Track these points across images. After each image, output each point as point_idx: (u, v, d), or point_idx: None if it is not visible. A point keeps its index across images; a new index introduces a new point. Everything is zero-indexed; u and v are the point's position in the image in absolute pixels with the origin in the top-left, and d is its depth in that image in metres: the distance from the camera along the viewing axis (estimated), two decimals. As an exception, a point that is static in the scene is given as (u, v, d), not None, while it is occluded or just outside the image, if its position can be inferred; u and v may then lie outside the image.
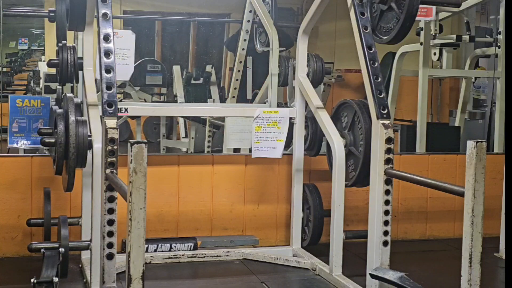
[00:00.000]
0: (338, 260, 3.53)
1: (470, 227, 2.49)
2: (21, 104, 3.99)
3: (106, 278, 2.76)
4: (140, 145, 2.13)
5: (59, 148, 3.04)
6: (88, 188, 3.30)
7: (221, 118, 5.31)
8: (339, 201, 3.50)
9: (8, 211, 3.86)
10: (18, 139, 4.00)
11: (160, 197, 4.05)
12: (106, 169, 2.70)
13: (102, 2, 2.95)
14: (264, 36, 4.78)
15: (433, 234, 4.60)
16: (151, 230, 3.96)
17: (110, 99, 2.82)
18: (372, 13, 3.40)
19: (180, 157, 4.30)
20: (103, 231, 2.74)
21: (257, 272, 3.74)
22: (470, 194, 2.48)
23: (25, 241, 3.79)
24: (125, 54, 4.29)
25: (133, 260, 2.12)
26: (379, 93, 3.24)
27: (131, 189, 2.12)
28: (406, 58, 5.89)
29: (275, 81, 4.32)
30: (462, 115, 6.05)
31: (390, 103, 5.47)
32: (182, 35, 6.26)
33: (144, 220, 2.12)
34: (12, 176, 3.87)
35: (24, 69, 7.58)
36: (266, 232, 4.27)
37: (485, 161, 2.49)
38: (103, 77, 2.84)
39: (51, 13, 3.70)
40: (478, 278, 2.51)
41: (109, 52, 2.88)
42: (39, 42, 7.35)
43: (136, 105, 4.32)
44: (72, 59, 3.51)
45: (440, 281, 3.65)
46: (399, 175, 3.16)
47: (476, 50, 6.11)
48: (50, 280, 2.96)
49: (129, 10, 6.26)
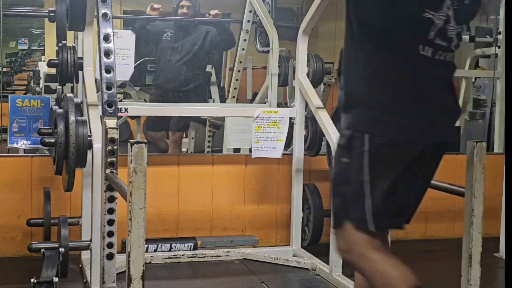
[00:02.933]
0: (338, 260, 3.53)
1: (470, 227, 2.49)
2: (21, 104, 3.99)
3: (106, 278, 2.76)
4: (140, 145, 2.13)
5: (59, 148, 3.04)
6: (88, 188, 3.30)
7: (221, 118, 5.31)
8: (339, 201, 3.49)
9: (8, 211, 3.86)
10: (18, 139, 4.00)
11: (160, 197, 4.05)
12: (106, 169, 2.70)
13: (102, 2, 2.95)
14: (264, 36, 4.78)
15: (433, 234, 4.60)
16: (151, 230, 3.96)
17: (110, 99, 2.82)
18: (372, 13, 3.39)
19: (180, 157, 4.30)
20: (103, 231, 2.74)
21: (257, 272, 3.74)
22: (470, 194, 2.49)
23: (25, 241, 3.79)
24: (125, 54, 4.29)
25: (133, 260, 2.12)
26: (379, 93, 3.23)
27: (131, 189, 2.12)
28: (406, 58, 5.87)
29: (275, 81, 4.32)
30: (462, 115, 6.04)
31: (390, 103, 5.46)
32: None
33: (144, 220, 2.12)
34: (12, 176, 3.87)
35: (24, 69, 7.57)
36: (266, 232, 4.27)
37: (485, 161, 2.49)
38: (103, 77, 2.84)
39: (51, 13, 3.69)
40: (478, 278, 2.51)
41: (109, 52, 2.88)
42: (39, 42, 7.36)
43: (136, 105, 4.32)
44: (72, 59, 3.51)
45: (440, 281, 3.65)
46: (399, 175, 3.15)
47: (476, 50, 6.10)
48: (50, 280, 2.96)
49: (129, 10, 6.26)
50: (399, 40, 2.08)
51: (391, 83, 2.09)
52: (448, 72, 2.17)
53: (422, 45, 2.07)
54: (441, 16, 2.07)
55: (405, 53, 2.08)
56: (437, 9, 2.07)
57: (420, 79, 2.09)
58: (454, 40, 2.13)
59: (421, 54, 2.07)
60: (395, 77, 2.09)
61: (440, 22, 2.07)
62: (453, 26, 2.11)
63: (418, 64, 2.08)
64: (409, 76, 2.08)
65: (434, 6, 2.07)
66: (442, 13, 2.08)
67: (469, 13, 2.18)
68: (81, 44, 3.72)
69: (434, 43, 2.08)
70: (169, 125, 5.42)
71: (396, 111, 2.07)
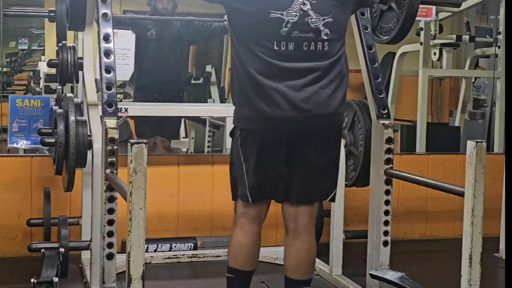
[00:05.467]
0: (338, 260, 3.53)
1: (470, 227, 2.49)
2: (21, 104, 3.99)
3: (106, 278, 2.76)
4: (140, 145, 2.13)
5: (59, 148, 3.04)
6: (88, 188, 3.30)
7: (221, 118, 5.30)
8: (339, 201, 3.49)
9: (8, 211, 3.86)
10: (18, 139, 4.00)
11: (160, 197, 4.04)
12: (106, 169, 2.70)
13: (102, 2, 2.95)
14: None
15: (433, 234, 4.60)
16: (151, 230, 3.96)
17: (110, 99, 2.82)
18: (372, 13, 3.39)
19: (180, 157, 4.30)
20: (103, 231, 2.74)
21: (257, 272, 3.72)
22: (470, 194, 2.48)
23: (25, 241, 3.79)
24: (125, 54, 4.29)
25: (133, 260, 2.12)
26: (379, 93, 3.24)
27: (131, 189, 2.12)
28: (406, 58, 5.88)
29: (275, 81, 4.31)
30: (462, 115, 6.05)
31: (390, 103, 5.47)
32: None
33: (144, 220, 2.12)
34: (12, 176, 3.87)
35: (24, 69, 7.57)
36: (266, 232, 4.25)
37: (485, 161, 2.49)
38: (103, 77, 2.84)
39: (51, 13, 3.69)
40: (478, 278, 2.51)
41: (109, 52, 2.88)
42: (39, 42, 7.35)
43: (136, 105, 4.31)
44: (72, 59, 3.51)
45: (440, 281, 3.65)
46: (399, 175, 3.16)
47: (476, 50, 6.11)
48: (50, 280, 2.96)
49: (129, 10, 6.25)
50: (251, 41, 2.47)
51: (241, 82, 2.52)
52: (317, 59, 2.47)
53: (276, 41, 2.43)
54: (292, 12, 2.43)
55: (257, 51, 2.45)
56: (286, 7, 2.43)
57: (267, 75, 2.46)
58: (323, 29, 2.46)
59: (275, 49, 2.43)
60: (244, 77, 2.50)
61: (293, 18, 2.43)
62: (315, 17, 2.45)
63: (270, 60, 2.45)
64: (255, 74, 2.46)
65: (282, 6, 2.44)
66: (295, 9, 2.43)
67: (329, 2, 2.49)
68: (81, 44, 3.72)
69: (291, 37, 2.43)
70: (159, 130, 5.34)
71: (244, 106, 2.54)
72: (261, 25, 2.45)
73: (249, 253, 2.70)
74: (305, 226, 2.71)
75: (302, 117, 2.50)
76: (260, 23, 2.46)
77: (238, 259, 2.69)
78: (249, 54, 2.49)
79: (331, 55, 2.51)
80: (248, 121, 2.56)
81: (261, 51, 2.47)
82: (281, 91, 2.47)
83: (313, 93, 2.49)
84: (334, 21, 2.49)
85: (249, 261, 2.71)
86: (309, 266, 2.74)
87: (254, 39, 2.47)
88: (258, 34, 2.47)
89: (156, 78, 5.11)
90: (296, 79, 2.48)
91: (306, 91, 2.49)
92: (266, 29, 2.45)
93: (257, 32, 2.47)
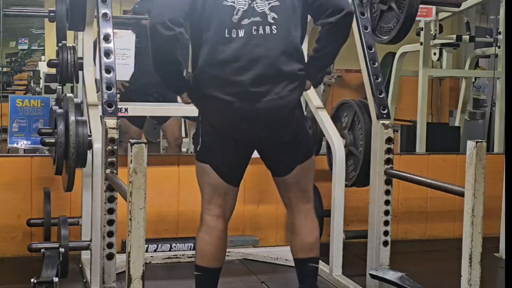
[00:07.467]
0: (338, 260, 3.53)
1: (470, 227, 2.49)
2: (21, 104, 4.00)
3: (106, 278, 2.76)
4: (140, 145, 2.13)
5: (59, 148, 3.04)
6: (88, 188, 3.30)
7: (221, 118, 5.28)
8: (339, 201, 3.50)
9: (8, 211, 3.86)
10: (18, 139, 4.00)
11: (160, 197, 4.04)
12: (106, 169, 2.70)
13: (102, 2, 2.95)
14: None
15: (433, 234, 4.60)
16: (151, 230, 3.96)
17: (110, 99, 2.82)
18: (372, 13, 3.40)
19: (180, 157, 4.30)
20: (103, 231, 2.74)
21: (257, 272, 3.74)
22: (470, 194, 2.48)
23: (25, 241, 3.79)
24: (125, 54, 4.29)
25: (133, 260, 2.12)
26: (379, 93, 3.24)
27: (131, 189, 2.12)
28: (406, 58, 5.89)
29: (275, 81, 4.31)
30: (462, 115, 6.05)
31: (390, 103, 5.47)
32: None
33: (144, 220, 2.13)
34: (12, 176, 3.87)
35: (24, 69, 7.59)
36: (266, 232, 4.27)
37: (485, 161, 2.49)
38: (103, 77, 2.84)
39: (51, 13, 3.69)
40: (478, 278, 2.51)
41: (109, 52, 2.88)
42: (39, 42, 7.37)
43: (136, 105, 4.31)
44: (72, 59, 3.51)
45: (440, 281, 3.65)
46: (399, 175, 3.16)
47: (476, 50, 6.11)
48: (50, 280, 2.96)
49: (129, 10, 6.25)
50: (205, 30, 2.55)
51: (199, 72, 2.64)
52: (273, 43, 2.53)
53: (227, 29, 2.52)
54: (242, 1, 2.53)
55: (209, 41, 2.54)
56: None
57: (219, 63, 2.54)
58: (269, 13, 2.53)
59: (227, 37, 2.52)
60: (201, 67, 2.60)
61: (243, 6, 2.52)
62: (261, 2, 2.53)
63: (221, 48, 2.52)
64: (209, 64, 2.57)
65: None
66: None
67: None
68: (81, 44, 3.72)
69: (241, 24, 2.51)
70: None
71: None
72: (215, 13, 2.54)
73: (214, 250, 2.75)
74: (296, 197, 2.86)
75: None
76: (214, 10, 2.54)
77: (204, 257, 2.74)
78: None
79: (282, 39, 2.57)
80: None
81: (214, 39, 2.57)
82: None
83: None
84: (281, 4, 2.55)
85: (215, 258, 2.76)
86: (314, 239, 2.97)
87: (208, 27, 2.56)
88: (212, 22, 2.55)
89: (156, 78, 5.10)
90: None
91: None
92: (219, 17, 2.54)
93: (211, 19, 2.55)
